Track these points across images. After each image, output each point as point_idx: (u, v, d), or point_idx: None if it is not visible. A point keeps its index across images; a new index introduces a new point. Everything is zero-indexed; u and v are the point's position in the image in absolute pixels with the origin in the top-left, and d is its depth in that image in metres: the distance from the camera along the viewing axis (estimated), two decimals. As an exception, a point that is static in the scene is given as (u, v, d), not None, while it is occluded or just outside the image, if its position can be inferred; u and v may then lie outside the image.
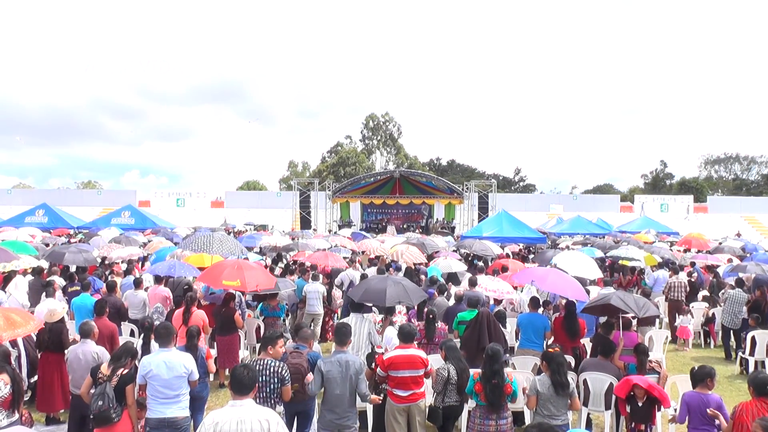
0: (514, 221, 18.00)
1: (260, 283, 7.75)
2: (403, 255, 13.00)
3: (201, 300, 8.87)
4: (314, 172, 71.01)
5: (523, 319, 7.75)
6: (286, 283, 9.38)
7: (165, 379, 4.80)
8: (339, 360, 4.97)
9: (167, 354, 4.95)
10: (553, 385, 5.00)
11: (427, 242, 16.43)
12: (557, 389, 4.99)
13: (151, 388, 4.82)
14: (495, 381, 4.99)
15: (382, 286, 7.25)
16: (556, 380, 5.00)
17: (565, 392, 5.00)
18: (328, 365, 4.96)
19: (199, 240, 10.23)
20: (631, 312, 6.58)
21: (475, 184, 36.05)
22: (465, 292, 8.93)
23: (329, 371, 4.92)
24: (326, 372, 4.93)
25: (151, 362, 4.88)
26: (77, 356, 5.76)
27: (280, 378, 4.89)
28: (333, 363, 4.95)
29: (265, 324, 8.83)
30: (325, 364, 4.98)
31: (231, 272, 7.52)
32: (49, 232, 20.83)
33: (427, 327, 7.18)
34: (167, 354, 4.95)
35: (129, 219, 22.65)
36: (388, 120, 76.82)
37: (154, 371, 4.82)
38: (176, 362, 4.90)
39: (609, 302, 6.67)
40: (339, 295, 10.67)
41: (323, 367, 4.96)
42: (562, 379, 5.01)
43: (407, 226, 34.36)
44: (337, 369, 4.93)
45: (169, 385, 4.82)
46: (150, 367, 4.84)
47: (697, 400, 4.89)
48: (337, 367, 4.93)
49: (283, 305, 9.12)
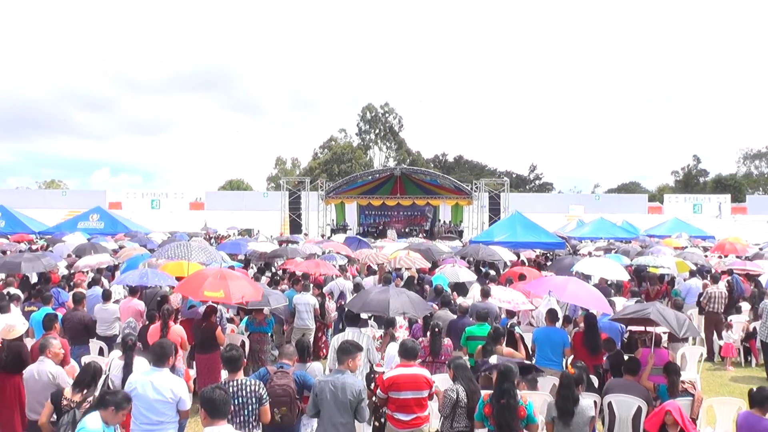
0: (529, 224, 17.98)
1: (246, 294, 7.73)
2: (401, 260, 12.99)
3: (179, 314, 8.83)
4: (305, 170, 71.15)
5: (540, 334, 7.73)
6: (277, 296, 9.35)
7: (149, 401, 4.78)
8: (334, 382, 4.93)
9: (157, 375, 4.94)
10: (557, 410, 4.96)
11: (432, 248, 16.40)
12: (562, 417, 4.93)
13: (134, 410, 4.80)
14: (504, 401, 4.95)
15: (385, 296, 7.27)
16: (560, 406, 4.96)
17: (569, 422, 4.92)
18: (321, 386, 4.93)
19: (175, 247, 10.18)
20: (672, 330, 6.53)
21: (486, 183, 36.08)
22: (474, 304, 8.91)
23: (321, 391, 4.89)
24: (318, 393, 4.90)
25: (137, 380, 4.88)
26: (33, 376, 5.75)
27: (258, 398, 4.86)
28: (326, 384, 4.92)
29: (251, 340, 8.79)
30: (319, 384, 4.96)
31: (214, 282, 7.49)
32: (7, 238, 20.75)
33: (433, 342, 7.16)
34: (157, 375, 4.94)
35: (98, 223, 22.60)
36: (387, 111, 77.04)
37: (139, 390, 4.80)
38: (164, 386, 4.85)
39: (648, 317, 6.62)
40: (333, 307, 10.65)
41: (317, 388, 4.94)
42: (566, 406, 4.95)
43: (409, 230, 34.39)
44: (329, 391, 4.87)
45: (153, 409, 4.79)
46: (134, 385, 4.84)
47: (751, 424, 4.88)
48: (329, 390, 4.88)
49: (271, 320, 9.09)
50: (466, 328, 7.75)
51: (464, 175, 67.63)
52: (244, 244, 18.18)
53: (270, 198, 46.78)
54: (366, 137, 77.72)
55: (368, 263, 14.59)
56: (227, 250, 16.46)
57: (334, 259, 14.99)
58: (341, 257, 15.79)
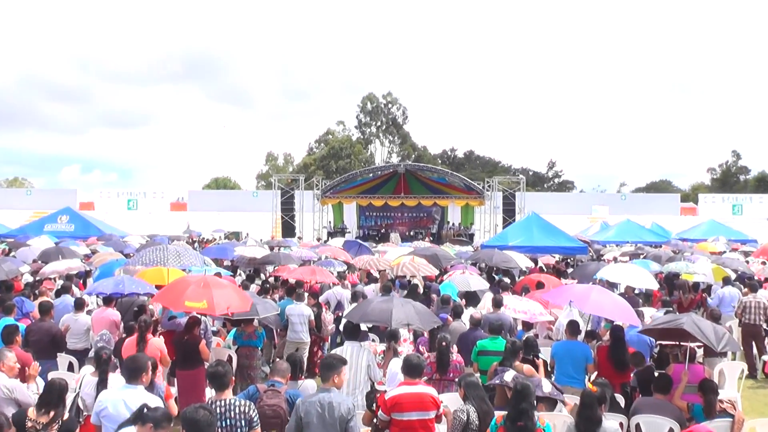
0: (547, 227, 17.98)
1: (233, 304, 7.72)
2: (405, 267, 12.99)
3: (159, 325, 8.83)
4: (299, 167, 71.22)
5: (559, 349, 7.72)
6: (267, 305, 9.34)
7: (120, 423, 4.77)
8: (320, 401, 4.90)
9: (130, 392, 4.94)
10: None
11: (439, 253, 16.40)
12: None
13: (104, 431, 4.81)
14: (521, 423, 4.93)
15: (388, 305, 7.28)
16: (581, 428, 4.95)
17: None
18: (306, 406, 4.91)
19: (150, 253, 10.19)
20: (708, 344, 6.50)
21: (499, 181, 36.14)
22: (486, 316, 8.90)
23: (307, 413, 4.86)
24: (304, 415, 4.87)
25: (107, 399, 4.89)
26: (-13, 391, 5.74)
27: (248, 420, 4.85)
28: (312, 404, 4.89)
29: (240, 355, 8.80)
30: (304, 405, 4.94)
31: (196, 291, 7.48)
32: (-33, 242, 20.86)
33: (440, 358, 7.15)
34: (130, 392, 4.94)
35: (67, 225, 22.66)
36: (390, 102, 77.15)
37: (110, 410, 4.81)
38: (138, 404, 4.83)
39: (681, 328, 6.59)
40: (330, 319, 10.66)
41: (300, 409, 4.91)
42: (588, 427, 4.93)
43: (414, 234, 34.44)
44: (316, 412, 4.84)
45: (127, 431, 4.79)
46: (105, 404, 4.85)
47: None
48: (317, 410, 4.85)
49: (261, 332, 9.10)
50: (478, 342, 7.73)
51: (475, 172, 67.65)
52: (231, 248, 18.21)
53: (260, 198, 46.75)
54: (366, 130, 77.81)
55: (368, 270, 14.60)
56: (212, 255, 16.50)
57: (331, 266, 15.02)
58: (339, 263, 15.81)
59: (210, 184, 75.68)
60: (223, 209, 46.37)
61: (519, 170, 74.29)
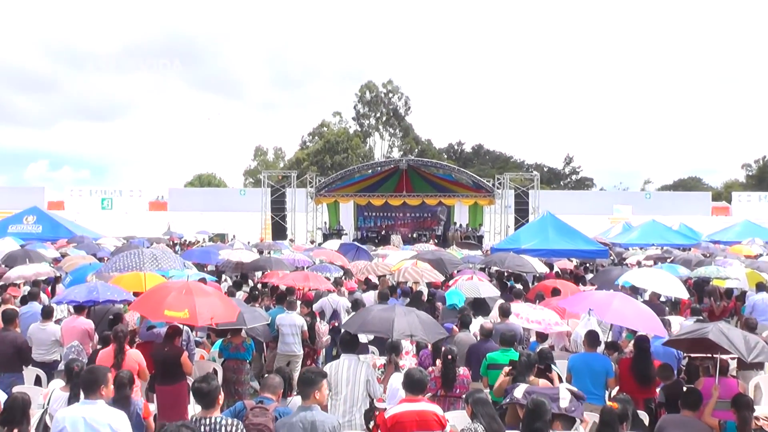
0: (564, 228, 17.99)
1: (217, 314, 7.72)
2: (407, 273, 12.99)
3: (136, 336, 8.83)
4: (291, 162, 71.27)
5: (577, 362, 7.72)
6: (256, 313, 9.35)
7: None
8: (302, 421, 4.90)
9: (90, 408, 4.93)
10: None
11: (445, 257, 16.41)
12: None
13: None
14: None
15: (389, 314, 7.28)
16: None
17: None
18: (287, 428, 4.92)
19: (127, 257, 10.20)
20: (738, 354, 6.49)
21: (511, 178, 36.18)
22: (496, 326, 8.91)
23: None
24: None
25: (65, 417, 4.86)
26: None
27: None
28: (294, 426, 4.90)
29: (226, 369, 8.80)
30: (284, 427, 4.94)
31: (177, 298, 7.49)
32: None
33: (445, 373, 7.15)
34: (90, 408, 4.93)
35: (34, 226, 22.67)
36: (391, 91, 77.21)
37: (69, 429, 4.79)
38: (100, 420, 4.86)
39: (706, 336, 6.57)
40: (324, 329, 10.66)
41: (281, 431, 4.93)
42: None
43: (418, 236, 34.49)
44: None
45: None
46: (63, 423, 4.82)
47: None
48: (299, 431, 4.87)
49: (250, 344, 9.11)
50: (488, 355, 7.74)
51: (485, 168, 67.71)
52: (215, 252, 18.16)
53: (248, 196, 46.77)
54: (365, 122, 77.90)
55: (366, 276, 14.61)
56: (195, 259, 16.49)
57: (326, 271, 15.01)
58: (335, 268, 15.80)
59: (193, 182, 75.73)
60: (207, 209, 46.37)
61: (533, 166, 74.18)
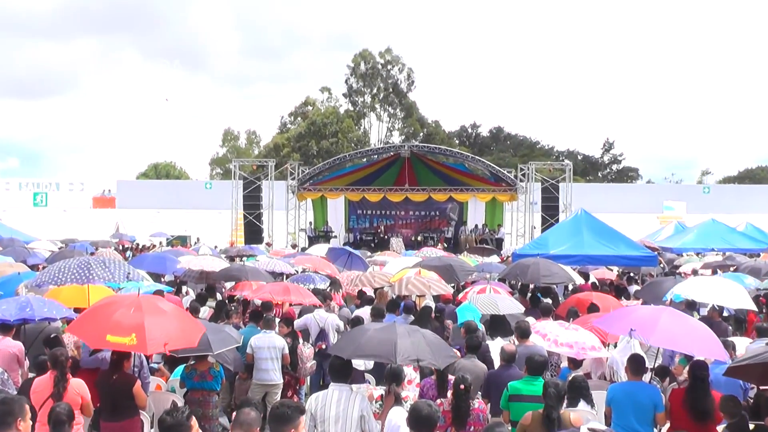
0: (602, 229, 17.96)
1: (173, 337, 7.65)
2: (410, 284, 12.95)
3: (77, 361, 8.78)
4: (268, 149, 71.24)
5: (618, 393, 7.71)
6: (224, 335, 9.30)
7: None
8: None
9: None
10: None
11: (455, 264, 16.38)
12: None
13: None
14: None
15: (389, 335, 7.21)
16: None
17: None
18: None
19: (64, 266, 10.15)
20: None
21: (537, 169, 36.05)
22: (520, 348, 8.89)
23: None
24: None
25: None
26: None
27: None
28: None
29: (189, 401, 8.75)
30: None
31: (123, 319, 7.42)
32: None
33: (457, 406, 7.13)
34: None
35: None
36: (390, 62, 77.18)
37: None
38: None
39: None
40: (308, 353, 10.64)
41: None
42: None
43: (423, 238, 34.49)
44: None
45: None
46: None
47: None
48: None
49: (219, 371, 9.07)
50: (509, 384, 7.72)
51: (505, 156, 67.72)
52: (174, 258, 18.15)
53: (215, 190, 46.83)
54: (359, 100, 77.95)
55: (360, 287, 14.58)
56: (149, 268, 16.42)
57: (311, 282, 15.00)
58: (321, 278, 15.79)
59: (147, 173, 75.60)
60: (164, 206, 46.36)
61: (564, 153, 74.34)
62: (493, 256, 25.48)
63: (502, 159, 63.07)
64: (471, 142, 78.47)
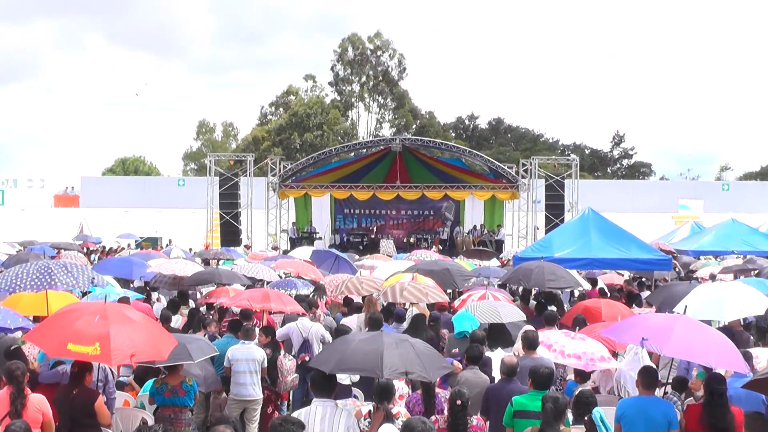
0: (611, 230, 18.00)
1: (141, 348, 7.64)
2: (404, 291, 12.95)
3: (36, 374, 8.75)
4: (246, 143, 71.03)
5: (630, 408, 7.70)
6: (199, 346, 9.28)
7: None
8: None
9: None
10: None
11: (452, 269, 16.40)
12: None
13: None
14: None
15: (375, 345, 7.20)
16: None
17: None
18: None
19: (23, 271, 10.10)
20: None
21: (541, 164, 36.25)
22: (522, 360, 8.90)
23: None
24: None
25: None
26: None
27: None
28: None
29: (160, 418, 8.75)
30: None
31: (87, 327, 7.41)
32: None
33: (453, 423, 7.15)
34: None
35: None
36: (380, 47, 77.14)
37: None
38: None
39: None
40: (290, 365, 10.63)
41: None
42: None
43: (416, 240, 34.57)
44: None
45: None
46: None
47: None
48: None
49: (192, 385, 9.06)
50: (513, 399, 7.74)
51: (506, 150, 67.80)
52: (143, 263, 18.09)
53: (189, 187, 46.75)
54: (346, 89, 77.86)
55: (348, 294, 14.58)
56: (116, 273, 16.39)
57: (293, 287, 14.98)
58: (305, 284, 15.79)
59: (114, 168, 75.47)
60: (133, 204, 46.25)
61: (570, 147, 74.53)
62: (492, 259, 25.49)
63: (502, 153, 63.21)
64: (468, 134, 78.54)
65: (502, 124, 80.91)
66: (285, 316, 12.41)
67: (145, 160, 78.98)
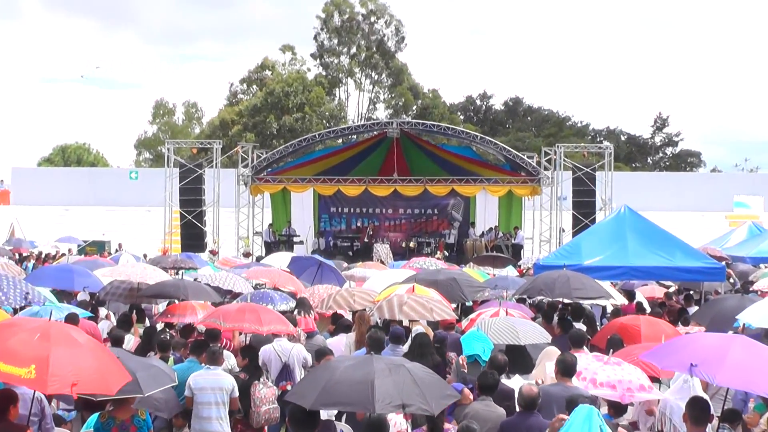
0: (652, 233, 18.04)
1: (84, 378, 7.62)
2: (403, 306, 12.93)
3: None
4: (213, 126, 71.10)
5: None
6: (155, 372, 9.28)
7: None
8: None
9: None
10: None
11: (461, 279, 16.40)
12: None
13: None
14: None
15: (364, 372, 7.18)
16: None
17: None
18: None
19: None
20: None
21: (567, 153, 36.29)
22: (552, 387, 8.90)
23: None
24: None
25: None
26: None
27: None
28: None
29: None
30: None
31: (23, 347, 7.40)
32: None
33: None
34: None
35: None
36: (374, 13, 77.11)
37: None
38: None
39: None
40: (266, 394, 10.64)
41: None
42: None
43: (417, 245, 34.69)
44: None
45: None
46: None
47: None
48: None
49: (145, 420, 9.09)
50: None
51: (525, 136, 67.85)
52: (86, 272, 18.05)
53: (143, 181, 46.75)
54: (333, 62, 77.91)
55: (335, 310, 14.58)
56: (53, 284, 16.35)
57: (270, 301, 14.98)
58: (283, 297, 15.78)
59: (52, 158, 75.44)
60: (75, 201, 46.26)
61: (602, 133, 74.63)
62: (508, 267, 25.51)
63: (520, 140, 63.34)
64: (480, 118, 78.70)
65: (520, 105, 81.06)
66: (253, 337, 12.37)
67: (89, 148, 79.00)
